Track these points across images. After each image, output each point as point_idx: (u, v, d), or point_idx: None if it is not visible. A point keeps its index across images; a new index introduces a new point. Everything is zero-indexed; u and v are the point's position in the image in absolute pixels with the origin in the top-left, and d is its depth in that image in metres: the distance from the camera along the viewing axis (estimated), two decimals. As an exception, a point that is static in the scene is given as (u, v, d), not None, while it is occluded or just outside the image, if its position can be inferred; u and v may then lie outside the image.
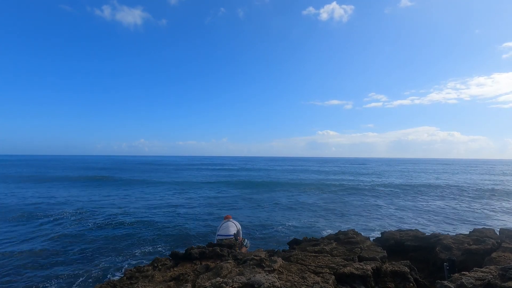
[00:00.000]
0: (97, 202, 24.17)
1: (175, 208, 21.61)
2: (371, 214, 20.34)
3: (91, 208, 21.28)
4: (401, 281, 4.95)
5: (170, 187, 36.14)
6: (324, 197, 28.70)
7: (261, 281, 3.98)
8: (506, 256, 5.72)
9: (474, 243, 6.92)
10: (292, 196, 28.84)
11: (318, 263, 5.53)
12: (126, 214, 19.15)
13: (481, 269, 4.55)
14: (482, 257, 6.11)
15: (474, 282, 3.89)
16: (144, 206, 22.42)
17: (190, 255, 5.95)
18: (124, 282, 4.90)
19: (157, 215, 18.99)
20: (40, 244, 12.93)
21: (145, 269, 5.44)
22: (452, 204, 24.89)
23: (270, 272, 4.71)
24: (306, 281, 4.47)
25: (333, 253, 6.32)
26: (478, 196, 30.12)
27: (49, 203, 23.19)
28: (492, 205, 24.50)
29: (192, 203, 24.34)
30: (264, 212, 20.78)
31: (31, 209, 20.70)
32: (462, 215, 20.39)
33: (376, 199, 27.40)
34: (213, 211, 20.68)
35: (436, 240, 7.56)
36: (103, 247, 12.56)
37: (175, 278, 4.92)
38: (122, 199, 26.49)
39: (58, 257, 11.33)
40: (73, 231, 14.97)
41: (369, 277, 4.82)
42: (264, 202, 25.19)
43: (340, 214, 20.38)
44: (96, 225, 16.33)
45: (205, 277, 4.62)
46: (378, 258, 5.83)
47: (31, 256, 11.41)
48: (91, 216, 18.61)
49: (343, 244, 7.15)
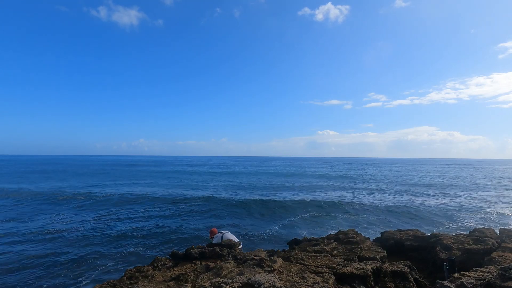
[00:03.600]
0: (95, 202, 24.17)
1: (175, 208, 21.60)
2: (370, 214, 20.34)
3: (91, 208, 21.27)
4: (401, 281, 4.96)
5: (167, 184, 36.15)
6: (322, 196, 28.70)
7: (261, 281, 3.98)
8: (506, 256, 5.72)
9: (474, 243, 6.93)
10: (290, 196, 28.84)
11: (318, 263, 5.54)
12: (125, 214, 19.14)
13: (481, 269, 4.55)
14: (482, 257, 6.11)
15: (474, 282, 3.89)
16: (143, 206, 22.42)
17: (190, 255, 5.95)
18: (124, 282, 4.90)
19: (156, 215, 18.99)
20: (40, 243, 12.92)
21: (145, 269, 5.44)
22: (452, 204, 24.89)
23: (270, 272, 4.71)
24: (306, 281, 4.47)
25: (333, 253, 6.32)
26: (478, 196, 30.12)
27: (39, 203, 23.21)
28: (492, 205, 24.50)
29: (192, 202, 24.34)
30: (262, 212, 20.78)
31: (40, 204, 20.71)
32: (462, 215, 20.39)
33: (376, 199, 27.40)
34: (212, 212, 20.68)
35: (436, 240, 7.57)
36: (102, 247, 12.55)
37: (175, 278, 4.92)
38: (120, 198, 26.49)
39: (57, 257, 11.32)
40: (73, 231, 14.96)
41: (369, 277, 4.83)
42: (263, 202, 25.20)
43: (339, 213, 20.38)
44: (95, 225, 16.33)
45: (205, 277, 4.62)
46: (378, 258, 5.84)
47: (31, 255, 11.41)
48: (90, 216, 18.60)
49: (343, 244, 7.15)
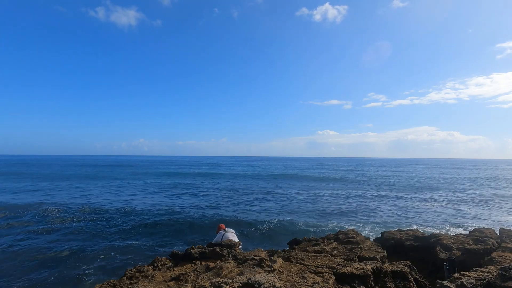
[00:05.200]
0: (94, 202, 24.17)
1: (175, 208, 21.60)
2: (370, 214, 20.34)
3: (90, 208, 21.27)
4: (401, 281, 4.96)
5: (166, 185, 36.15)
6: (323, 196, 28.70)
7: (261, 281, 3.98)
8: (506, 256, 5.72)
9: (474, 243, 6.93)
10: (290, 196, 28.85)
11: (318, 263, 5.54)
12: (124, 214, 19.14)
13: (481, 269, 4.55)
14: (482, 257, 6.11)
15: (474, 282, 3.89)
16: (142, 206, 22.42)
17: (190, 255, 5.95)
18: (124, 282, 4.90)
19: (156, 215, 18.99)
20: (39, 243, 12.93)
21: (145, 269, 5.44)
22: (452, 204, 24.89)
23: (270, 272, 4.71)
24: (306, 281, 4.47)
25: (333, 253, 6.32)
26: (478, 196, 30.12)
27: (38, 202, 23.22)
28: (492, 205, 24.50)
29: (191, 203, 24.34)
30: (263, 212, 20.78)
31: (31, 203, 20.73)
32: (462, 214, 20.40)
33: (376, 199, 27.40)
34: (212, 211, 20.68)
35: (436, 240, 7.57)
36: (102, 247, 12.56)
37: (175, 278, 4.92)
38: (119, 199, 26.49)
39: (57, 257, 11.34)
40: (72, 231, 14.97)
41: (369, 277, 4.83)
42: (263, 202, 25.20)
43: (339, 214, 20.38)
44: (95, 225, 16.33)
45: (205, 277, 4.62)
46: (378, 258, 5.84)
47: (30, 255, 11.42)
48: (90, 216, 18.61)
49: (343, 244, 7.15)
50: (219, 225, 8.41)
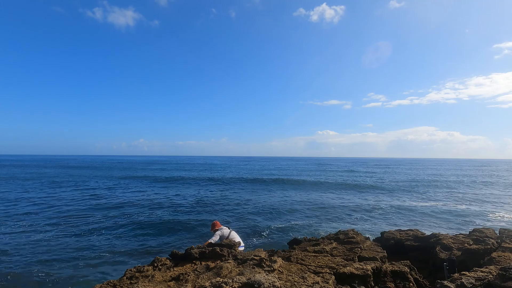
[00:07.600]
0: (94, 202, 24.16)
1: (175, 208, 21.61)
2: (370, 214, 20.34)
3: (90, 208, 21.27)
4: (401, 281, 4.96)
5: (166, 185, 36.15)
6: (323, 197, 28.70)
7: (261, 281, 3.98)
8: (506, 256, 5.72)
9: (474, 243, 6.93)
10: (291, 196, 28.85)
11: (318, 263, 5.53)
12: (123, 214, 19.14)
13: (481, 269, 4.55)
14: (482, 257, 6.11)
15: (474, 282, 3.89)
16: (142, 206, 22.41)
17: (190, 255, 5.95)
18: (124, 282, 4.90)
19: (156, 215, 18.99)
20: (39, 242, 12.92)
21: (145, 269, 5.44)
22: (451, 204, 24.89)
23: (270, 272, 4.70)
24: (306, 281, 4.46)
25: (333, 253, 6.32)
26: (478, 196, 30.12)
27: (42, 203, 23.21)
28: (492, 206, 24.50)
29: (190, 203, 24.34)
30: (263, 212, 20.78)
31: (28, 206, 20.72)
32: (462, 214, 20.39)
33: (376, 199, 27.40)
34: (212, 211, 20.69)
35: (436, 240, 7.57)
36: (102, 247, 12.56)
37: (175, 278, 4.91)
38: (118, 199, 26.49)
39: (57, 256, 11.33)
40: (71, 231, 14.96)
41: (369, 277, 4.82)
42: (263, 202, 25.20)
43: (339, 214, 20.38)
44: (94, 225, 16.33)
45: (205, 277, 4.62)
46: (378, 258, 5.83)
47: (28, 255, 11.40)
48: (89, 216, 18.60)
49: (343, 244, 7.15)
50: (214, 222, 8.32)
